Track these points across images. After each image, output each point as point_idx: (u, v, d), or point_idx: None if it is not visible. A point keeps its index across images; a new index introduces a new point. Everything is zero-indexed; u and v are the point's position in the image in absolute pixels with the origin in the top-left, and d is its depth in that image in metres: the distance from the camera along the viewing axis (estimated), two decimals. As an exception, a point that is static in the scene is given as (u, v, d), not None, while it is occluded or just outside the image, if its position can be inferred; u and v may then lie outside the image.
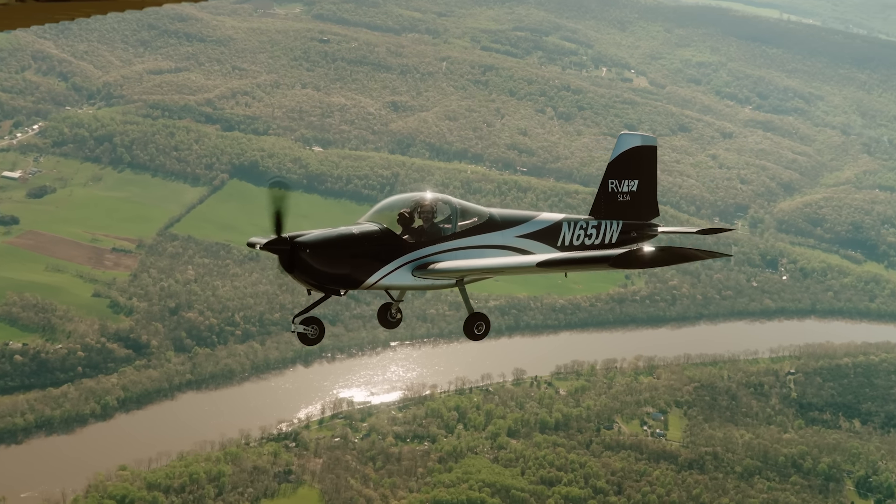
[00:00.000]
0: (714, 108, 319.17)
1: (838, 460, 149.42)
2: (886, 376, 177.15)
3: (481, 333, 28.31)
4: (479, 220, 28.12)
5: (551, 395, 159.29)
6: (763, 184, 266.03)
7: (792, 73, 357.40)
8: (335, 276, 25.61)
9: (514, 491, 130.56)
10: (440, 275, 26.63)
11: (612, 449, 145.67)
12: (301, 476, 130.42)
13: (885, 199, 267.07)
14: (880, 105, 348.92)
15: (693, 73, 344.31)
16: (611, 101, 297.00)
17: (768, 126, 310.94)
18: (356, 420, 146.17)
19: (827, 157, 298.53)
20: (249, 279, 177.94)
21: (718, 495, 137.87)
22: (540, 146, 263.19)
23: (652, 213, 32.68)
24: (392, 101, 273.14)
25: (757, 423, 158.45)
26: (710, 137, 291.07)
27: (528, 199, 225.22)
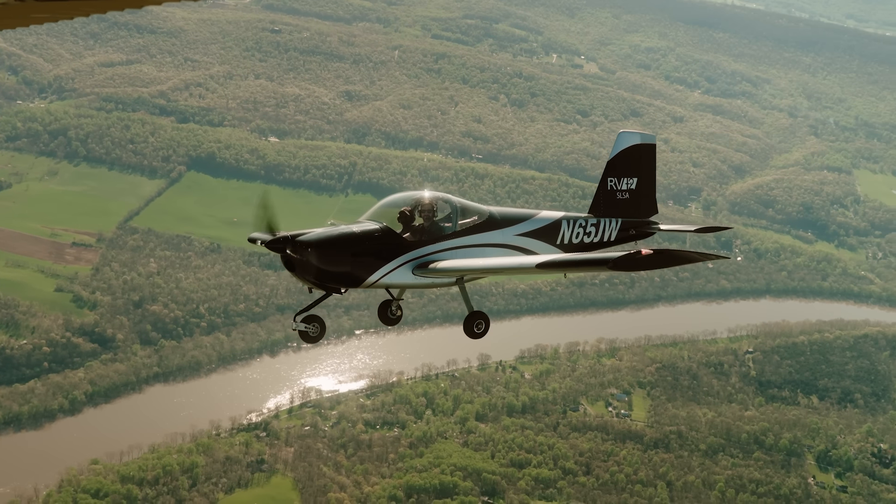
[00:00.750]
0: (664, 92, 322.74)
1: (798, 436, 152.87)
2: (841, 353, 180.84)
3: (481, 331, 28.34)
4: (479, 218, 28.09)
5: (517, 378, 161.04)
6: (715, 167, 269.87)
7: (739, 57, 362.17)
8: (336, 274, 25.69)
9: (486, 474, 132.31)
10: (440, 274, 26.64)
11: (578, 430, 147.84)
12: (274, 465, 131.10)
13: (834, 179, 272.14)
14: (825, 87, 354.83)
15: (642, 59, 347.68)
16: (563, 87, 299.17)
17: (717, 110, 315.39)
18: (325, 408, 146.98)
19: (775, 139, 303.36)
20: (212, 271, 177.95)
21: (684, 473, 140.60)
22: (494, 133, 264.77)
23: (651, 210, 32.81)
24: (346, 91, 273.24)
25: (718, 402, 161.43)
26: (662, 122, 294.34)
27: (486, 185, 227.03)
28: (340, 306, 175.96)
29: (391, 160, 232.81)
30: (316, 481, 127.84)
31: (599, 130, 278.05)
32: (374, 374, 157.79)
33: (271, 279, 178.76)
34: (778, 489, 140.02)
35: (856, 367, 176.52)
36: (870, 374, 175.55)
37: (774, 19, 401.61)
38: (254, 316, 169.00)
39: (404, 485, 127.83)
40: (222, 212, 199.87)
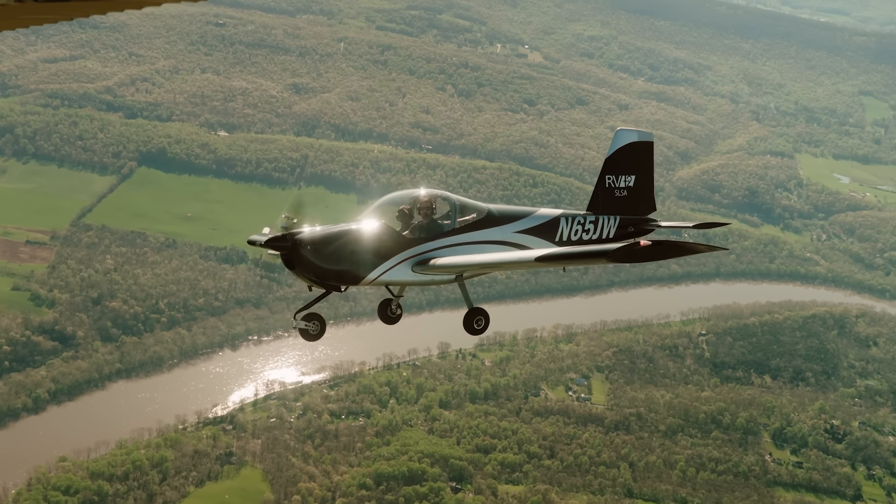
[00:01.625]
0: (608, 80, 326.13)
1: (754, 414, 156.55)
2: (791, 333, 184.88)
3: (481, 328, 28.13)
4: (478, 215, 28.07)
5: (477, 366, 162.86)
6: (661, 153, 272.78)
7: (680, 45, 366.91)
8: (336, 272, 25.75)
9: (453, 460, 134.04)
10: (440, 271, 26.66)
11: (540, 415, 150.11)
12: (242, 457, 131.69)
13: (777, 163, 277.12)
14: (765, 73, 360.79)
15: (585, 47, 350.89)
16: (509, 76, 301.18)
17: (661, 97, 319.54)
18: (290, 400, 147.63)
19: (719, 125, 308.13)
20: (170, 266, 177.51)
21: (646, 454, 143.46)
22: (443, 123, 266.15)
23: (649, 208, 32.66)
24: (293, 84, 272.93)
25: (675, 384, 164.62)
26: (608, 110, 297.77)
27: (438, 176, 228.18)
28: (300, 298, 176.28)
29: (342, 152, 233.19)
30: (285, 472, 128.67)
31: (546, 119, 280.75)
32: (336, 365, 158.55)
33: (229, 273, 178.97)
34: (737, 467, 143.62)
35: (806, 347, 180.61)
36: (819, 353, 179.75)
37: (713, 6, 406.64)
38: (213, 310, 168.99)
39: (373, 473, 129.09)
40: (176, 207, 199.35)
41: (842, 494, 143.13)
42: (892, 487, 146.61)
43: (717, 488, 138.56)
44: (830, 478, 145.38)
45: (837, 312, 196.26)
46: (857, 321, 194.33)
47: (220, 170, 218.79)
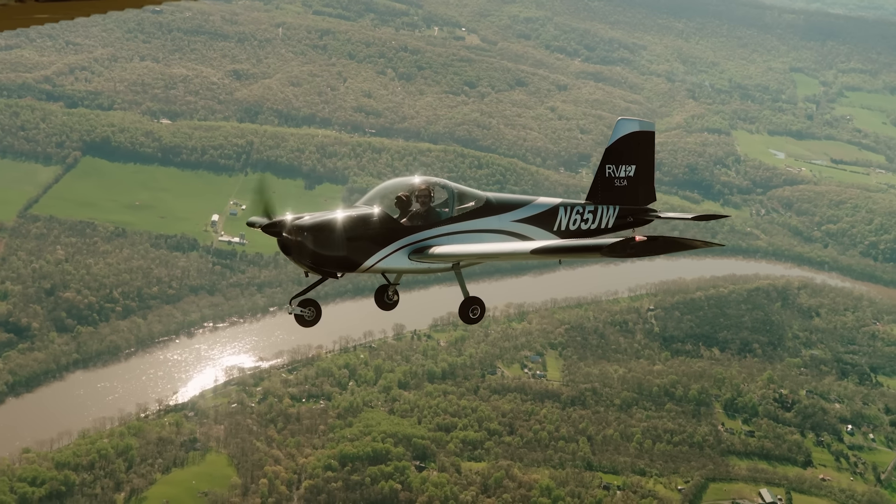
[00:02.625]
0: (546, 61, 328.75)
1: (706, 386, 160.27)
2: (736, 306, 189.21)
3: (476, 317, 28.29)
4: (476, 204, 27.97)
5: (433, 346, 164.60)
6: (602, 132, 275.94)
7: (615, 25, 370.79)
8: (332, 259, 25.71)
9: (416, 439, 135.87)
10: (436, 259, 26.61)
11: (498, 393, 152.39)
12: (207, 443, 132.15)
13: (715, 141, 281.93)
14: (698, 52, 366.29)
15: (522, 29, 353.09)
16: (448, 59, 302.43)
17: (599, 77, 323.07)
18: (249, 385, 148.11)
19: (656, 103, 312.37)
20: (121, 255, 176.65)
21: (603, 427, 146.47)
22: (385, 107, 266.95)
23: (649, 198, 32.57)
24: (233, 70, 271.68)
25: (627, 358, 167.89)
26: (547, 90, 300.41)
27: (383, 160, 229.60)
28: (253, 284, 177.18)
29: (287, 138, 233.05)
30: (250, 456, 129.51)
31: (487, 101, 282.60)
32: (294, 350, 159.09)
33: (181, 261, 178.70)
34: (691, 437, 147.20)
35: (751, 319, 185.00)
36: (765, 325, 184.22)
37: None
38: (168, 298, 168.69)
39: (338, 454, 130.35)
40: (123, 196, 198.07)
41: (793, 461, 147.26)
42: (840, 453, 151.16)
43: (673, 459, 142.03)
44: (781, 445, 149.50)
45: (780, 285, 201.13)
46: (800, 293, 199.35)
47: (165, 158, 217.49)
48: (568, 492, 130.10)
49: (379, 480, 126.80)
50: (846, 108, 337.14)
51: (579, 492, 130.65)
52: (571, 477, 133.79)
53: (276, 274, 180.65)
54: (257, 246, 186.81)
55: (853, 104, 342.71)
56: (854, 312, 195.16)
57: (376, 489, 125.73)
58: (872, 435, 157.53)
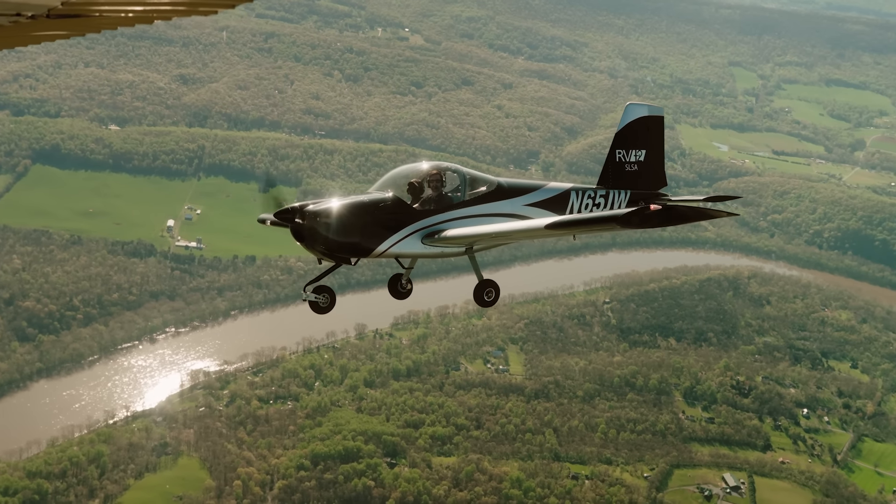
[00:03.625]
0: (490, 60, 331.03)
1: (665, 376, 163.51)
2: (690, 296, 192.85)
3: (491, 300, 28.13)
4: (488, 188, 28.12)
5: (396, 344, 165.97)
6: (549, 129, 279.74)
7: (556, 23, 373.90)
8: (345, 244, 25.64)
9: (385, 436, 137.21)
10: (450, 242, 26.67)
11: (463, 388, 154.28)
12: (178, 447, 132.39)
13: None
14: (638, 48, 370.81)
15: (465, 28, 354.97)
16: (394, 60, 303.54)
17: (542, 74, 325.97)
18: (216, 389, 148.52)
19: (600, 99, 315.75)
20: (78, 263, 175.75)
21: (568, 419, 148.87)
22: (334, 109, 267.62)
23: (660, 183, 32.74)
24: (180, 74, 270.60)
25: (587, 351, 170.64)
26: (493, 89, 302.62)
27: (336, 161, 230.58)
28: (213, 288, 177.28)
29: (238, 142, 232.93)
30: (222, 459, 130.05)
31: (435, 101, 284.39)
32: (258, 352, 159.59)
33: (140, 267, 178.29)
34: (654, 426, 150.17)
35: (705, 309, 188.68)
36: (718, 314, 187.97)
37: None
38: (129, 304, 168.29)
39: (309, 454, 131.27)
40: (76, 203, 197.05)
41: (753, 445, 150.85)
42: (797, 436, 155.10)
43: (638, 447, 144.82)
44: (741, 431, 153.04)
45: (730, 274, 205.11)
46: (750, 282, 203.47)
47: (116, 164, 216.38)
48: (538, 483, 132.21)
49: (352, 478, 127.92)
50: (784, 101, 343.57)
51: (549, 482, 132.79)
52: (540, 468, 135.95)
53: (236, 277, 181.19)
54: (215, 250, 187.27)
55: (791, 96, 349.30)
56: (803, 300, 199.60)
57: (350, 487, 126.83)
58: (827, 418, 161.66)
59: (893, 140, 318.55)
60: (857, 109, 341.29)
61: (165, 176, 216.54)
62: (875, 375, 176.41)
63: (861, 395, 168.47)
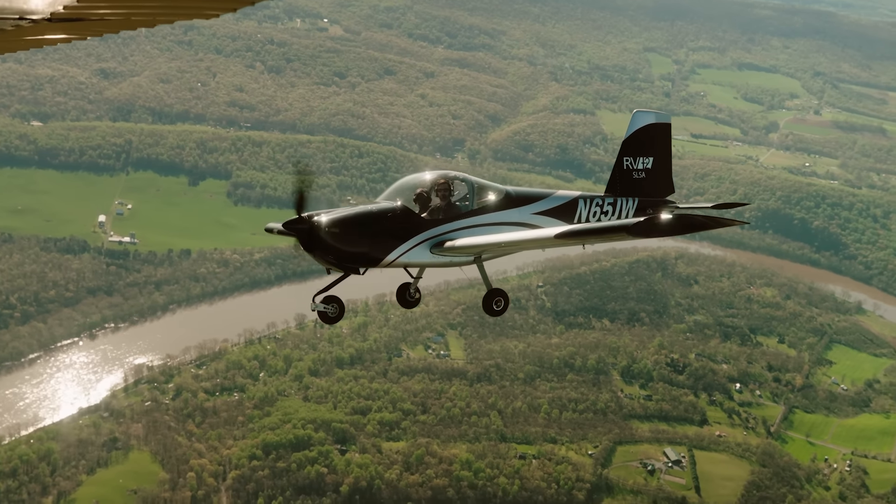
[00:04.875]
0: (410, 50, 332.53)
1: (602, 355, 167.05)
2: (620, 278, 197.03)
3: (500, 309, 28.70)
4: (496, 197, 28.12)
5: (338, 333, 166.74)
6: (472, 117, 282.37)
7: (473, 11, 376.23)
8: (354, 254, 25.73)
9: (335, 423, 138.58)
10: (458, 251, 26.72)
11: (407, 374, 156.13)
12: (128, 442, 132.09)
13: (581, 121, 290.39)
14: (556, 35, 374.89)
15: (383, 18, 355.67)
16: (315, 51, 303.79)
17: (463, 63, 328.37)
18: (160, 382, 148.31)
19: (521, 87, 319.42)
20: (12, 261, 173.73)
21: (511, 401, 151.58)
22: (259, 101, 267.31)
23: (668, 190, 32.89)
24: (100, 69, 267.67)
25: (525, 334, 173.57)
26: (415, 78, 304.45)
27: (265, 153, 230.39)
28: (150, 283, 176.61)
29: (165, 135, 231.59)
30: (174, 451, 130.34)
31: (359, 91, 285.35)
32: (200, 345, 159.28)
33: (74, 263, 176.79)
34: (595, 405, 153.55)
35: (636, 290, 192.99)
36: (649, 295, 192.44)
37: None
38: (66, 301, 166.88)
39: (261, 443, 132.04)
40: (4, 201, 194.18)
41: (690, 420, 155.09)
42: (732, 410, 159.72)
43: (581, 426, 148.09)
44: (678, 407, 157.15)
45: (658, 256, 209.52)
46: (677, 263, 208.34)
47: (42, 160, 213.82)
48: (487, 463, 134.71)
49: (305, 466, 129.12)
50: (699, 85, 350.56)
51: (498, 463, 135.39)
52: (488, 450, 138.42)
53: (172, 272, 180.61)
54: (149, 244, 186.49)
55: (705, 81, 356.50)
56: (729, 278, 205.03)
57: (303, 474, 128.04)
58: (759, 391, 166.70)
59: (805, 122, 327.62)
60: (770, 92, 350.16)
61: (93, 171, 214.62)
62: (801, 349, 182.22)
63: (790, 368, 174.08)
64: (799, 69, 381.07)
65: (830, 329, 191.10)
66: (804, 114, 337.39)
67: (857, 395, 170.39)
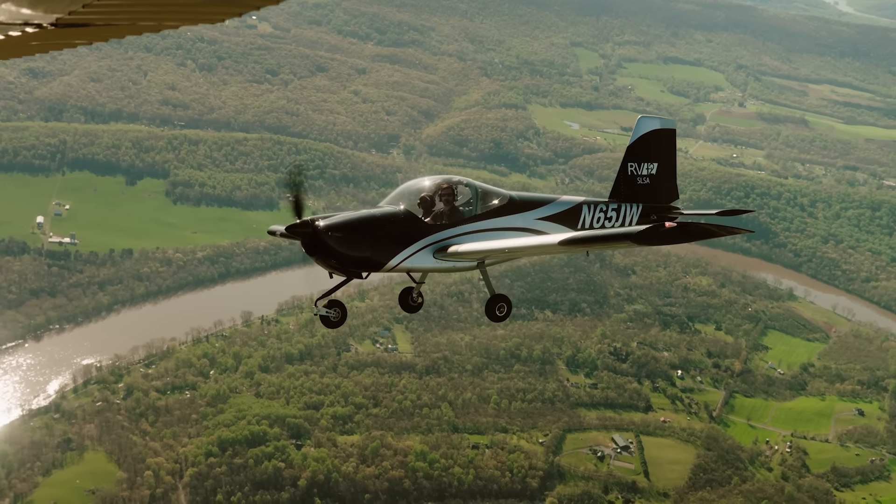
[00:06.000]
0: (341, 46, 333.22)
1: (547, 346, 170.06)
2: (560, 270, 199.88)
3: (503, 315, 28.50)
4: (500, 202, 27.76)
5: (285, 330, 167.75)
6: (406, 113, 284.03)
7: (402, 8, 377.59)
8: (357, 258, 25.38)
9: (289, 419, 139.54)
10: (462, 257, 26.38)
11: (356, 368, 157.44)
12: (82, 443, 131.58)
13: (513, 115, 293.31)
14: (484, 31, 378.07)
15: (312, 15, 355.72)
16: (246, 48, 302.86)
17: (394, 59, 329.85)
18: (110, 382, 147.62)
19: (452, 83, 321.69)
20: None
21: (461, 392, 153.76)
22: (192, 99, 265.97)
23: (672, 196, 32.56)
24: (28, 68, 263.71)
25: (470, 326, 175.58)
26: (348, 75, 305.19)
27: (202, 151, 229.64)
28: (94, 283, 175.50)
29: (100, 135, 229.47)
30: (129, 450, 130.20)
31: (292, 88, 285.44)
32: (148, 344, 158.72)
33: (15, 265, 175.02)
34: (542, 394, 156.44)
35: (576, 281, 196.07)
36: (589, 286, 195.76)
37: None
38: (9, 303, 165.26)
39: (216, 440, 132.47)
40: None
41: (635, 407, 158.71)
42: (675, 396, 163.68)
43: (530, 415, 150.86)
44: (623, 394, 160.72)
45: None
46: (614, 254, 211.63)
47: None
48: (441, 454, 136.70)
49: (262, 461, 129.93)
50: (627, 79, 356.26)
51: (452, 453, 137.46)
52: (441, 440, 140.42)
53: (115, 271, 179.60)
54: (90, 244, 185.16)
55: (632, 75, 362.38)
56: (665, 268, 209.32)
57: (260, 469, 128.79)
58: (700, 377, 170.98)
59: (730, 114, 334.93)
60: (695, 85, 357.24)
61: (28, 172, 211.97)
62: (738, 336, 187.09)
63: (728, 354, 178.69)
64: (722, 62, 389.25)
65: (765, 315, 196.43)
66: (729, 106, 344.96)
67: (794, 378, 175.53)
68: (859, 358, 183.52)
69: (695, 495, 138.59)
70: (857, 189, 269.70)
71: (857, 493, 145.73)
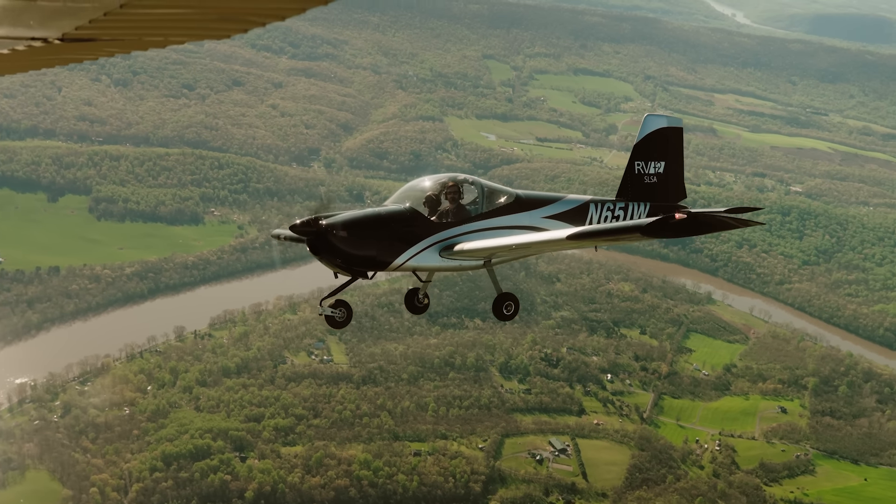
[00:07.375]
0: (255, 60, 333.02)
1: (480, 353, 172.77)
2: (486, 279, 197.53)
3: (510, 313, 28.61)
4: (507, 200, 27.66)
5: (220, 344, 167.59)
6: (325, 126, 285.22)
7: (314, 21, 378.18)
8: (362, 257, 25.25)
9: (232, 431, 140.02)
10: (468, 255, 26.46)
11: (294, 380, 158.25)
12: (23, 462, 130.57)
13: (431, 127, 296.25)
14: (397, 44, 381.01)
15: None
16: (160, 63, 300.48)
17: (309, 73, 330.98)
18: (47, 401, 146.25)
19: (368, 96, 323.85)
20: None
21: (399, 401, 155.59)
22: (109, 115, 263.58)
23: (679, 195, 32.15)
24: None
25: (403, 336, 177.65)
26: (265, 89, 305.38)
27: (124, 167, 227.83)
28: (22, 301, 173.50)
29: (18, 151, 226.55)
30: (72, 468, 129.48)
31: (209, 102, 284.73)
32: (82, 361, 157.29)
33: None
34: (479, 401, 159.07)
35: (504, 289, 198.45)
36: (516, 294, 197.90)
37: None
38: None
39: (160, 455, 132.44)
40: None
41: (569, 411, 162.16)
42: (606, 399, 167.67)
43: (468, 421, 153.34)
44: (556, 399, 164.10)
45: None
46: (538, 262, 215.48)
47: None
48: (384, 462, 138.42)
49: (208, 474, 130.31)
50: (539, 91, 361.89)
51: (395, 461, 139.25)
52: (384, 449, 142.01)
53: (43, 289, 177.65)
54: (15, 263, 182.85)
55: (544, 86, 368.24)
56: (588, 275, 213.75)
57: (207, 483, 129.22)
58: (629, 381, 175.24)
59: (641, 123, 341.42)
60: (605, 96, 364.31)
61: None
62: (662, 339, 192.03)
63: (654, 357, 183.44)
64: (630, 73, 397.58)
65: (686, 319, 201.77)
66: (639, 116, 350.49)
67: (718, 379, 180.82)
68: (778, 358, 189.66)
69: (632, 494, 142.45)
70: (767, 195, 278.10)
71: (784, 487, 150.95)
